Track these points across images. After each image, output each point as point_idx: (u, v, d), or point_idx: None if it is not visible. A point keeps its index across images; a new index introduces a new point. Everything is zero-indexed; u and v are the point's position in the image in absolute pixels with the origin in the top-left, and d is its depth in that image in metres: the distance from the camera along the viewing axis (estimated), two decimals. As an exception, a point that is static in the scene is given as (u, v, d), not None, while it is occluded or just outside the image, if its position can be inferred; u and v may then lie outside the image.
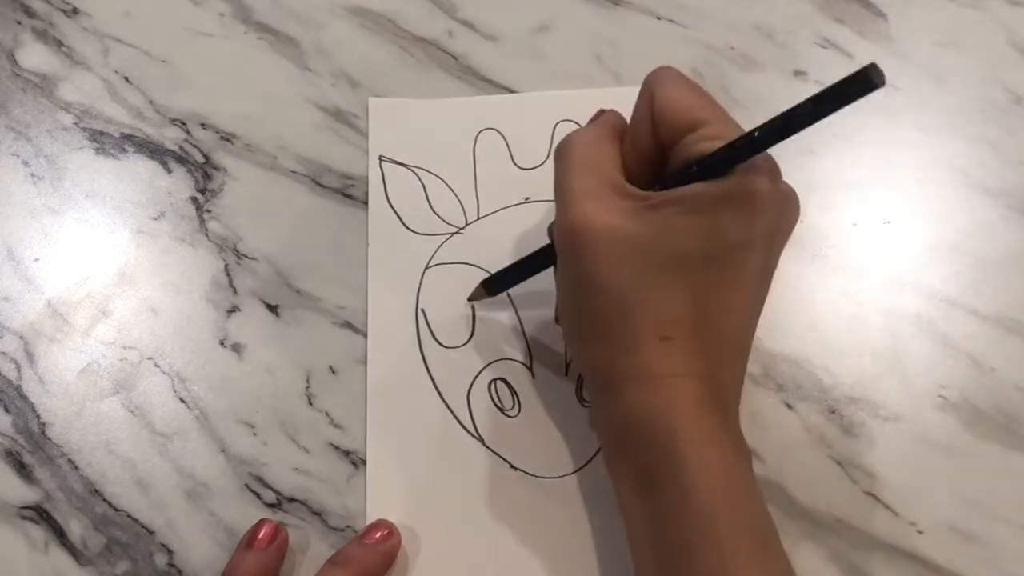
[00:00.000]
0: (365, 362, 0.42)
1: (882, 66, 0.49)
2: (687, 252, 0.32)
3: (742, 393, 0.41)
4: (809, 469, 0.40)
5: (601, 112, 0.37)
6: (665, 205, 0.32)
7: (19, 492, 0.40)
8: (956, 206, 0.45)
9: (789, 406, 0.41)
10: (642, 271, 0.32)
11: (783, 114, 0.30)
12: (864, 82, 0.27)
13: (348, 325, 0.43)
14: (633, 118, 0.36)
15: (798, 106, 0.29)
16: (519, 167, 0.46)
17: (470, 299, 0.43)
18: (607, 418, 0.35)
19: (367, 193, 0.45)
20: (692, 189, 0.32)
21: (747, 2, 0.49)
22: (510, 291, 0.43)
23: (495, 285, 0.42)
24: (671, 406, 0.32)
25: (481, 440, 0.41)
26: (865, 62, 0.50)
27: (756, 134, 0.30)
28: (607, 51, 0.48)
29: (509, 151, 0.46)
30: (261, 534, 0.38)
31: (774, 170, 0.33)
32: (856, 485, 0.39)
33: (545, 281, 0.43)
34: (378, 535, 0.38)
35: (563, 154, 0.35)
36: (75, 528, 0.40)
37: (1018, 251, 0.44)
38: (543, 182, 0.45)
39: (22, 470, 0.41)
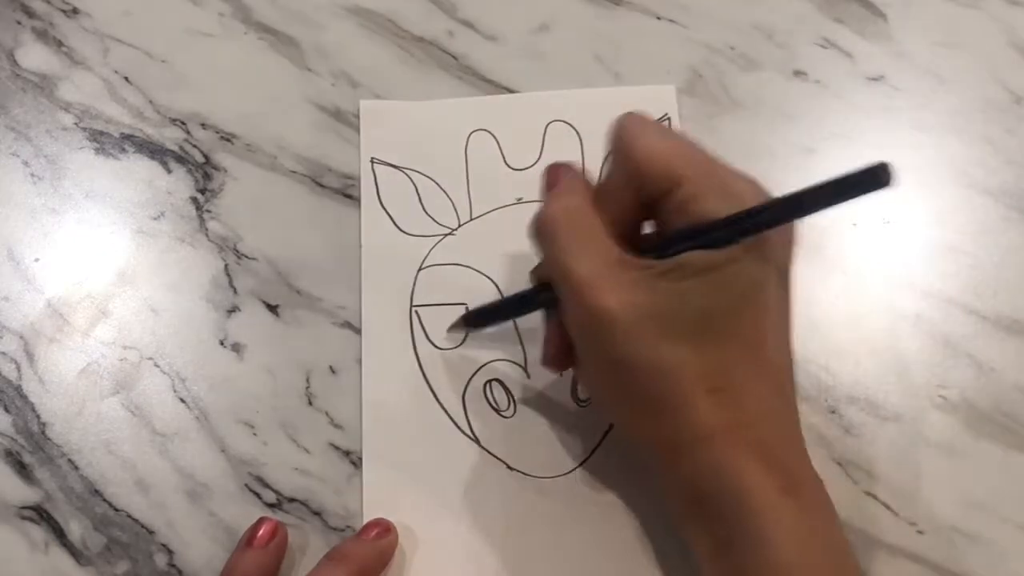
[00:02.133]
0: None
1: (882, 66, 0.49)
2: (707, 308, 0.32)
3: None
4: (809, 469, 0.40)
5: (554, 173, 0.36)
6: (674, 270, 0.32)
7: (19, 492, 0.40)
8: (956, 206, 0.45)
9: (789, 406, 0.41)
10: (671, 337, 0.32)
11: (789, 196, 0.30)
12: (871, 180, 0.27)
13: (348, 325, 0.43)
14: (607, 176, 0.35)
15: (805, 191, 0.29)
16: (511, 168, 0.46)
17: (449, 330, 0.42)
18: (672, 486, 0.34)
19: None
20: (699, 255, 0.31)
21: (747, 2, 0.49)
22: (501, 289, 0.43)
23: (476, 321, 0.41)
24: (732, 463, 0.31)
25: (477, 441, 0.41)
26: (865, 62, 0.50)
27: (763, 213, 0.31)
28: (607, 51, 0.48)
29: (501, 152, 0.46)
30: (260, 532, 0.38)
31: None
32: (856, 485, 0.39)
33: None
34: (374, 532, 0.38)
35: (550, 234, 0.34)
36: (75, 528, 0.40)
37: (1018, 251, 0.44)
38: (535, 182, 0.45)
39: (22, 470, 0.41)
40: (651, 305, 0.32)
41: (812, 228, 0.44)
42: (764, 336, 0.33)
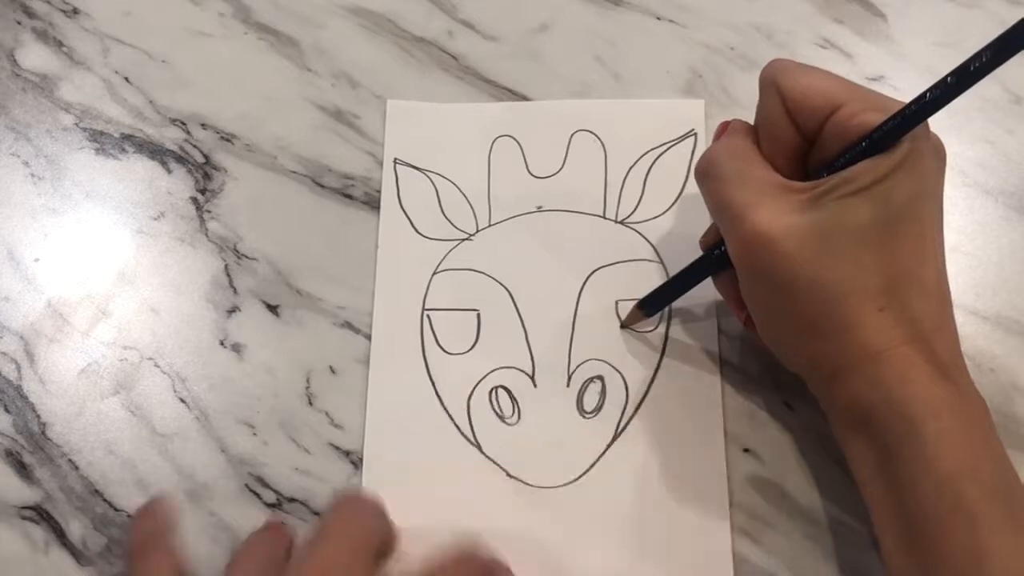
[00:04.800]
0: (365, 362, 0.42)
1: (882, 66, 0.49)
2: (870, 223, 0.32)
3: (745, 390, 0.41)
4: (809, 469, 0.40)
5: (724, 125, 0.37)
6: (835, 188, 0.32)
7: (19, 492, 0.41)
8: (956, 206, 0.45)
9: (789, 406, 0.41)
10: (836, 255, 0.32)
11: (948, 76, 0.31)
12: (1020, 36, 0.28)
13: (348, 325, 0.43)
14: (762, 117, 0.36)
15: (963, 66, 0.30)
16: (533, 175, 0.45)
17: (624, 325, 0.42)
18: (835, 404, 0.35)
19: (367, 193, 0.45)
20: (861, 167, 0.32)
21: (747, 2, 0.49)
22: (515, 298, 0.43)
23: (651, 305, 0.41)
24: (902, 377, 0.32)
25: (479, 447, 0.41)
26: (865, 62, 0.50)
27: (927, 96, 0.31)
28: (607, 51, 0.48)
29: (524, 159, 0.46)
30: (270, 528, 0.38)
31: (926, 123, 0.33)
32: (855, 485, 0.39)
33: (550, 290, 0.43)
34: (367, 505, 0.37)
35: (710, 172, 0.35)
36: (75, 528, 0.40)
37: (1018, 251, 0.44)
38: (557, 191, 0.45)
39: (22, 470, 0.41)
40: (812, 224, 0.32)
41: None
42: (925, 252, 0.34)
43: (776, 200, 0.33)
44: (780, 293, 0.34)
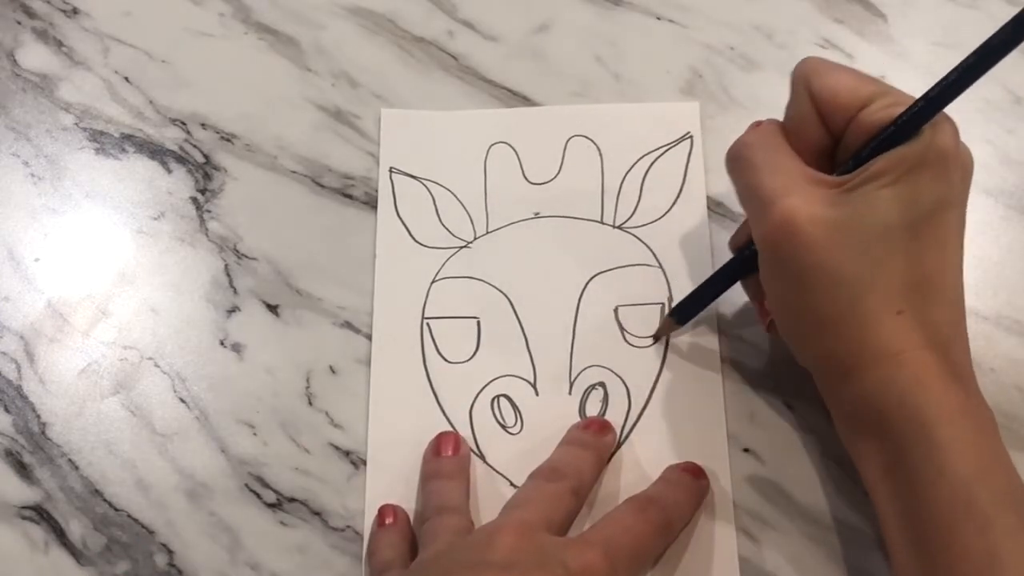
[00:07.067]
0: (365, 362, 0.42)
1: (882, 66, 0.49)
2: (895, 223, 0.32)
3: (746, 390, 0.41)
4: (809, 469, 0.40)
5: (756, 123, 0.37)
6: (863, 183, 0.32)
7: (19, 492, 0.41)
8: (956, 206, 0.45)
9: (789, 406, 0.41)
10: (859, 251, 0.32)
11: (959, 66, 0.31)
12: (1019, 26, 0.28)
13: (348, 325, 0.43)
14: (792, 115, 0.36)
15: (983, 46, 0.31)
16: (530, 182, 0.45)
17: (658, 335, 0.42)
18: (847, 403, 0.34)
19: (367, 193, 0.45)
20: (886, 161, 0.32)
21: (747, 2, 0.49)
22: (515, 305, 0.43)
23: (683, 313, 0.41)
24: (916, 381, 0.32)
25: (482, 457, 0.40)
26: (865, 62, 0.50)
27: (945, 81, 0.32)
28: (607, 51, 0.48)
29: (520, 165, 0.46)
30: (444, 445, 0.40)
31: (955, 127, 0.33)
32: (856, 485, 0.39)
33: (549, 296, 0.43)
34: (593, 430, 0.39)
35: (741, 158, 0.35)
36: (75, 528, 0.40)
37: (1018, 251, 0.44)
38: (554, 197, 0.45)
39: (22, 470, 0.41)
40: (840, 218, 0.32)
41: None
42: (946, 261, 0.33)
43: (806, 189, 0.33)
44: (800, 283, 0.33)
